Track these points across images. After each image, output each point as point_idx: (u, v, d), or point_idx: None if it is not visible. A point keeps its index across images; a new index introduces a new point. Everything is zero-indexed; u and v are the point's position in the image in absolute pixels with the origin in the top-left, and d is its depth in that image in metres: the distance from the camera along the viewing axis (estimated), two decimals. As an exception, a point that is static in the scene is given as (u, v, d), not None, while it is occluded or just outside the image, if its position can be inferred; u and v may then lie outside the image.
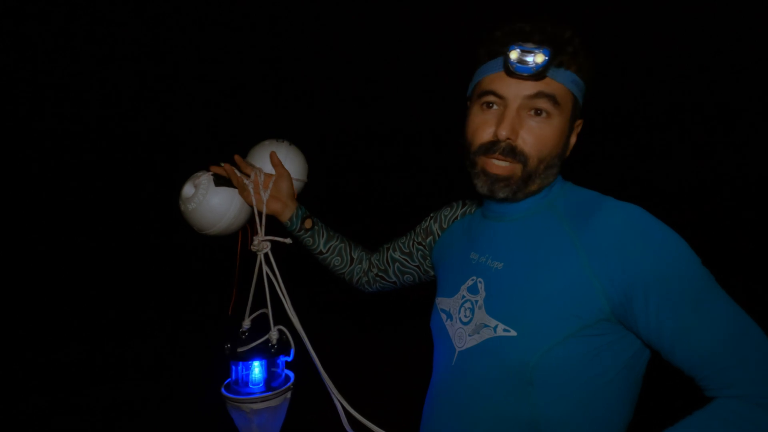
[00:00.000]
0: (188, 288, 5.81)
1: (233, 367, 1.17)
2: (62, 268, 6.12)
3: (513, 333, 1.02)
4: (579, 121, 1.12)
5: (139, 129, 7.46)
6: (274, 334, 1.19)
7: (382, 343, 4.72)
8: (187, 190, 1.32)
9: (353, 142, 7.95)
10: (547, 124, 1.03)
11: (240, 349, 1.15)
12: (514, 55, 0.99)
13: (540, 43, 1.00)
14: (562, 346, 0.98)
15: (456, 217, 1.36)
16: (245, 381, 1.15)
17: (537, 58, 0.98)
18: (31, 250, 6.32)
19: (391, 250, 1.49)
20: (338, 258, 1.49)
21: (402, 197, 7.65)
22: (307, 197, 1.47)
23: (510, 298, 1.05)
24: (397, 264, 1.48)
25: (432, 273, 1.44)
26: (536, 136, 1.03)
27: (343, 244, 1.50)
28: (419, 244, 1.43)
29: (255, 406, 1.12)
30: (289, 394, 1.21)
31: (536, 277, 1.03)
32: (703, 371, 0.91)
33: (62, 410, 3.60)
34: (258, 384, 1.15)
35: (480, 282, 1.12)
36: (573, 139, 1.12)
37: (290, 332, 1.25)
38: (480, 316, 1.08)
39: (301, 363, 1.27)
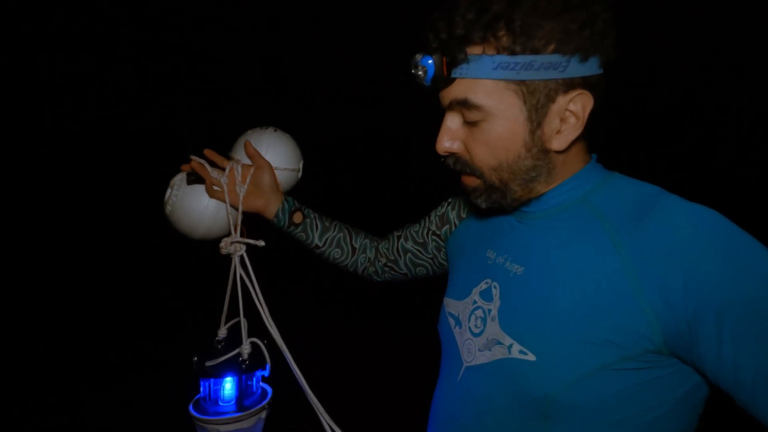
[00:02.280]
0: (188, 288, 5.81)
1: (202, 383, 1.09)
2: (62, 268, 6.12)
3: (531, 357, 0.83)
4: (567, 97, 0.83)
5: (139, 129, 7.47)
6: (246, 348, 1.09)
7: (390, 334, 4.63)
8: (167, 192, 1.21)
9: (353, 142, 7.94)
10: (481, 130, 0.84)
11: (209, 363, 1.06)
12: (414, 71, 0.86)
13: (433, 50, 0.83)
14: (593, 379, 0.78)
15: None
16: (214, 398, 1.08)
17: (424, 69, 0.83)
18: (31, 250, 6.33)
19: (402, 239, 1.31)
20: (338, 250, 1.33)
21: (401, 198, 7.65)
22: (306, 198, 1.36)
23: (529, 313, 0.86)
24: (409, 255, 1.30)
25: (447, 266, 1.23)
26: (477, 144, 0.85)
27: (341, 234, 1.33)
28: (434, 233, 1.24)
29: (224, 428, 1.04)
30: (264, 414, 1.11)
31: (564, 290, 0.83)
32: None
33: (60, 411, 3.59)
34: (229, 402, 1.08)
35: (495, 287, 0.94)
36: (559, 125, 0.85)
37: (273, 343, 1.13)
38: (493, 329, 0.90)
39: (287, 370, 1.15)
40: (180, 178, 1.21)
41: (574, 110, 0.84)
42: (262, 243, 1.17)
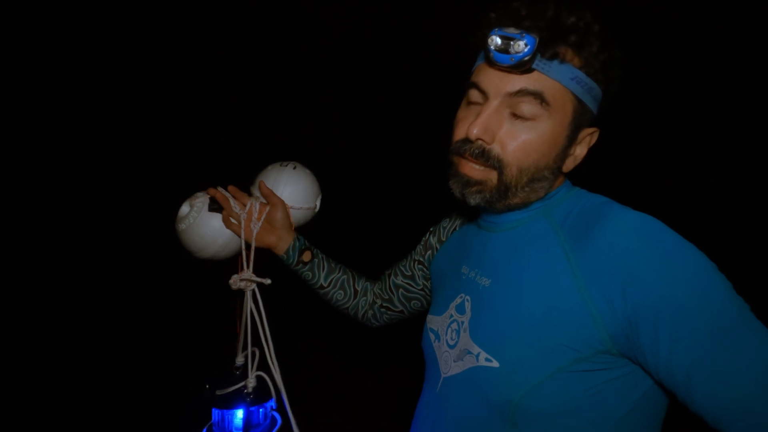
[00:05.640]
0: (187, 294, 5.79)
1: (213, 410, 1.13)
2: (62, 270, 6.08)
3: (495, 364, 0.87)
4: (589, 130, 0.94)
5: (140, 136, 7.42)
6: (251, 382, 1.13)
7: (391, 356, 4.63)
8: (183, 209, 1.27)
9: (353, 143, 7.93)
10: (531, 127, 0.86)
11: (219, 392, 1.10)
12: (493, 41, 0.83)
13: (530, 29, 0.82)
14: (551, 382, 0.83)
15: (455, 228, 1.22)
16: (223, 426, 1.10)
17: (517, 47, 0.81)
18: (30, 253, 6.29)
19: (393, 276, 1.37)
20: (341, 292, 1.36)
21: (401, 198, 7.63)
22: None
23: (494, 322, 0.91)
24: (401, 290, 1.35)
25: None
26: (517, 141, 0.87)
27: (345, 276, 1.37)
28: (419, 262, 1.30)
29: (232, 457, 1.06)
30: None
31: (522, 298, 0.88)
32: (732, 425, 0.73)
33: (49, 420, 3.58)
34: (238, 431, 1.09)
35: (467, 300, 0.99)
36: (578, 151, 0.95)
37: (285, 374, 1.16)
38: (464, 340, 0.95)
39: (300, 400, 1.20)
40: (202, 201, 1.26)
41: (588, 143, 0.95)
42: (268, 281, 1.23)
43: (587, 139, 0.96)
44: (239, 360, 1.18)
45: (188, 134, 6.84)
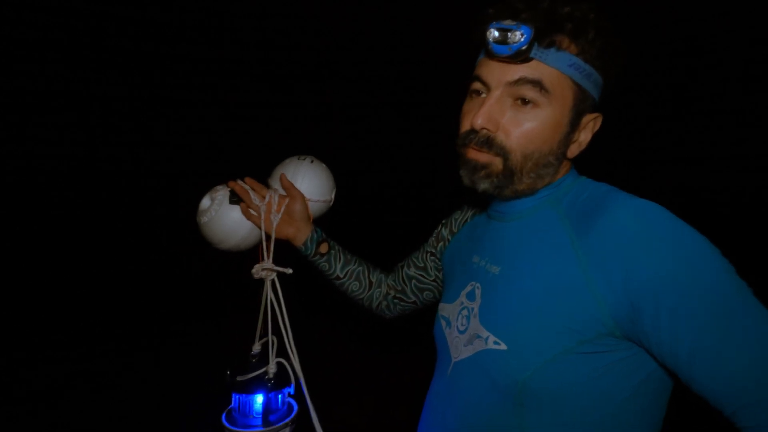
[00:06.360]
0: (187, 294, 5.79)
1: (234, 395, 1.15)
2: (62, 270, 6.07)
3: (503, 347, 0.90)
4: (592, 116, 0.96)
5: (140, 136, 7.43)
6: (272, 368, 1.16)
7: (404, 346, 4.64)
8: (204, 202, 1.29)
9: (353, 143, 7.93)
10: (533, 115, 0.89)
11: (239, 378, 1.12)
12: (491, 34, 0.87)
13: (526, 20, 0.86)
14: (556, 364, 0.85)
15: (466, 220, 1.25)
16: (243, 411, 1.13)
17: (514, 37, 0.84)
18: (30, 256, 6.29)
19: (405, 268, 1.40)
20: (356, 283, 1.39)
21: (401, 198, 7.65)
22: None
23: (503, 307, 0.94)
24: (413, 281, 1.38)
25: None
26: (520, 128, 0.90)
27: (361, 268, 1.40)
28: (431, 254, 1.33)
29: (251, 440, 1.09)
30: (288, 430, 1.17)
31: (529, 284, 0.91)
32: (731, 405, 0.76)
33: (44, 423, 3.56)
34: (257, 416, 1.13)
35: (477, 288, 1.02)
36: (581, 137, 0.96)
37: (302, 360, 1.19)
38: (474, 325, 0.98)
39: (316, 388, 1.21)
40: (223, 195, 1.28)
41: (592, 129, 0.97)
42: (290, 271, 1.26)
43: (590, 124, 0.97)
44: (256, 348, 1.21)
45: (188, 134, 6.83)
